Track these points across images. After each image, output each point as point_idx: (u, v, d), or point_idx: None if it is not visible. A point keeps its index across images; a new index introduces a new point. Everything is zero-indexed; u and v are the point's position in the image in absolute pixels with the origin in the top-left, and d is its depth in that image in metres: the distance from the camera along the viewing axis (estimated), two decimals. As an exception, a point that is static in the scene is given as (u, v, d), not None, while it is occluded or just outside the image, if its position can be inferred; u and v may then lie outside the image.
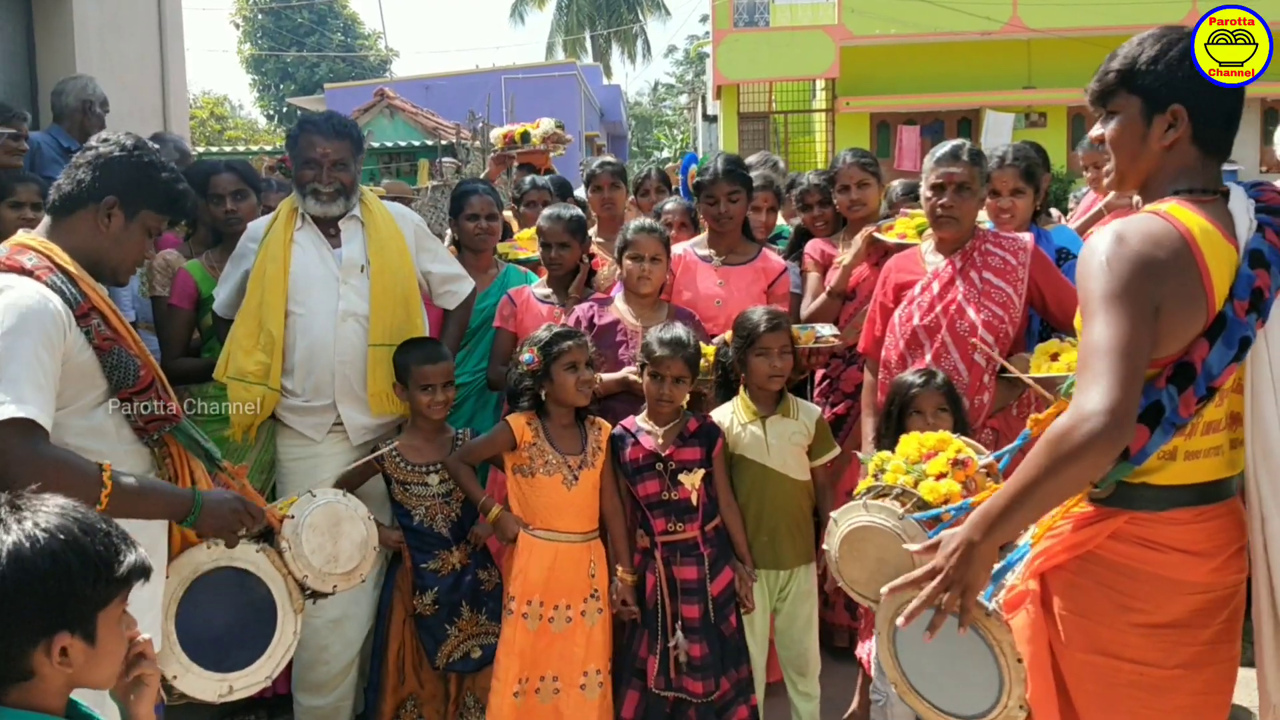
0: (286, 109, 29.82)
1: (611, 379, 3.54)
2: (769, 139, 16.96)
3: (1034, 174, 3.84)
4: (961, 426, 3.06)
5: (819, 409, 3.55)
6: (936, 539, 2.04)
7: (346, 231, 3.49)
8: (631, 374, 3.48)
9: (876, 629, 2.23)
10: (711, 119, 21.43)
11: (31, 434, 2.15)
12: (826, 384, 4.17)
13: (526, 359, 3.30)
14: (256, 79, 35.15)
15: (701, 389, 3.52)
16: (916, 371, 3.18)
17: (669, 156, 31.61)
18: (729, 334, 3.52)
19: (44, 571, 1.40)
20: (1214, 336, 1.84)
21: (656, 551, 3.29)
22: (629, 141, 36.65)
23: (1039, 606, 2.04)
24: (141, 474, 2.45)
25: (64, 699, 1.49)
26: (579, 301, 3.83)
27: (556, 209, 3.98)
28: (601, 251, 4.34)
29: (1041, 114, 16.57)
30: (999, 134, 13.96)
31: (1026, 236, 3.51)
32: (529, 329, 3.64)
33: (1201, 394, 1.86)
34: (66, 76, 5.78)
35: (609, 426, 3.41)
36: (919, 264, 3.54)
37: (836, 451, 3.49)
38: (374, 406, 3.44)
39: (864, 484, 2.58)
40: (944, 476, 2.46)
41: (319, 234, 3.46)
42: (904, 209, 4.19)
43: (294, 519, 2.75)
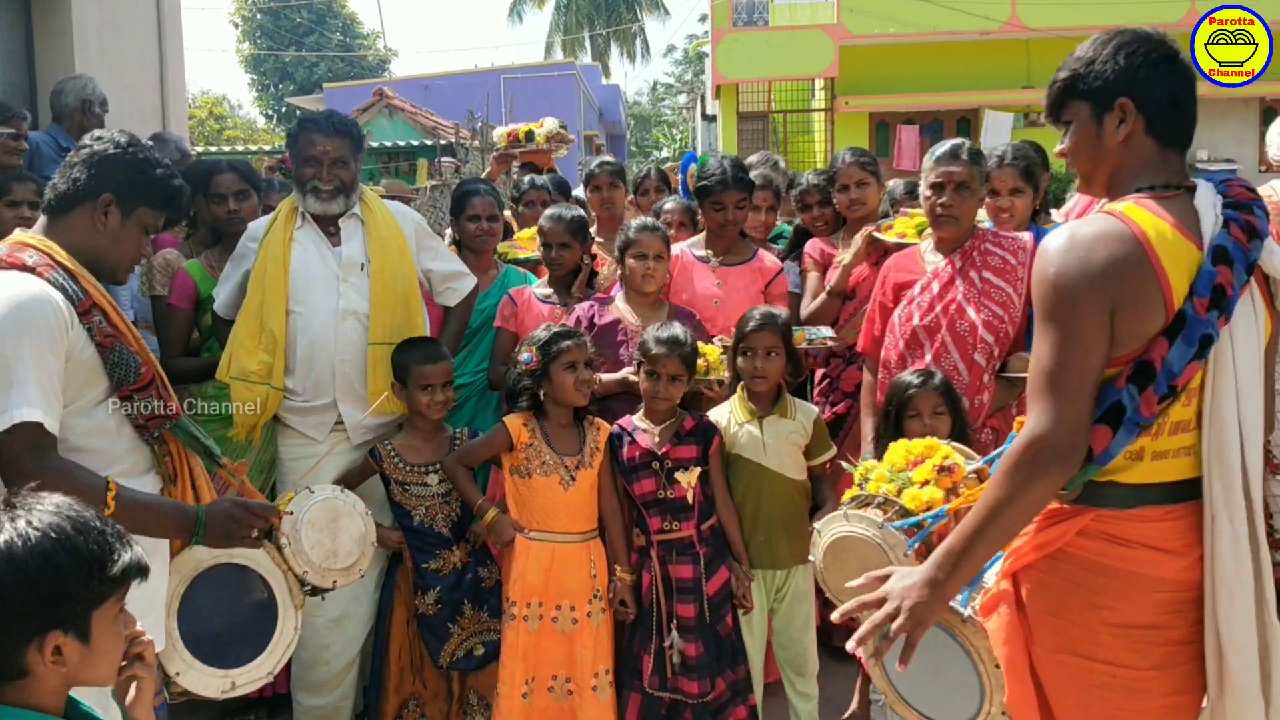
0: (285, 109, 29.81)
1: (611, 379, 3.54)
2: (768, 138, 16.96)
3: (1033, 173, 3.84)
4: (960, 427, 3.07)
5: (817, 410, 3.55)
6: (886, 572, 2.03)
7: (346, 230, 3.49)
8: (631, 374, 3.48)
9: (863, 651, 2.23)
10: (710, 118, 21.42)
11: (40, 439, 2.15)
12: (826, 383, 4.17)
13: (525, 358, 3.30)
14: (255, 79, 35.12)
15: (704, 389, 3.52)
16: (915, 372, 3.18)
17: (668, 156, 31.60)
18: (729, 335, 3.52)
19: (34, 570, 1.40)
20: (1174, 335, 1.83)
21: (652, 550, 3.29)
22: (628, 141, 36.63)
23: (1012, 608, 2.03)
24: (148, 492, 2.45)
25: (61, 698, 1.49)
26: (580, 301, 3.83)
27: (558, 209, 3.97)
28: (601, 251, 4.34)
29: (1040, 114, 16.53)
30: (998, 134, 13.96)
31: (1026, 236, 3.51)
32: (530, 329, 3.63)
33: (1163, 393, 1.84)
34: (65, 76, 5.77)
35: (607, 427, 3.40)
36: (918, 264, 3.54)
37: (834, 452, 3.49)
38: (396, 407, 3.44)
39: (849, 493, 2.61)
40: (929, 484, 2.46)
41: (319, 233, 3.46)
42: (904, 208, 4.19)
43: (293, 515, 2.76)
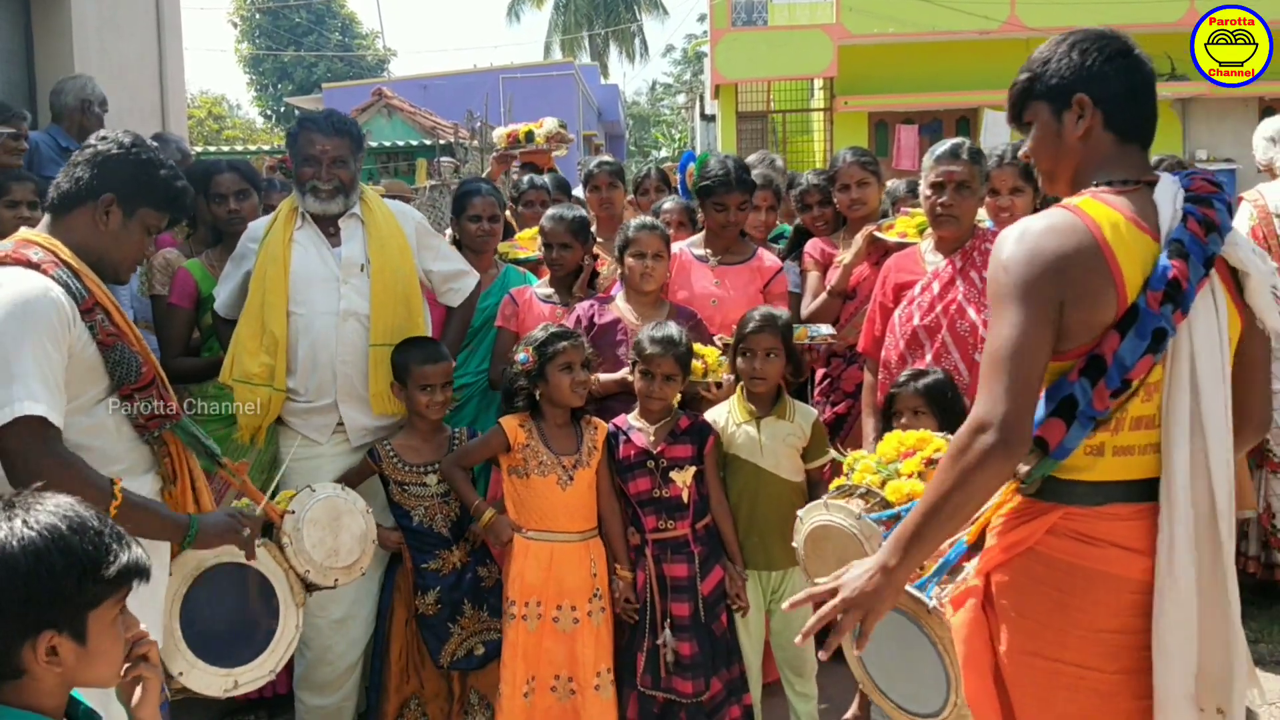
0: (284, 108, 29.80)
1: (610, 379, 3.54)
2: (767, 138, 16.94)
3: (1033, 172, 3.82)
4: (951, 427, 3.07)
5: (816, 412, 3.55)
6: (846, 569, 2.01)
7: (346, 230, 3.48)
8: (630, 374, 3.48)
9: (844, 640, 2.24)
10: (709, 118, 21.40)
11: (45, 433, 2.16)
12: (827, 383, 4.17)
13: (521, 359, 3.30)
14: (254, 78, 35.10)
15: (702, 392, 3.52)
16: (909, 371, 3.19)
17: (667, 156, 31.60)
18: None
19: (27, 569, 1.40)
20: (1125, 328, 1.83)
21: (647, 549, 3.30)
22: (627, 141, 36.63)
23: (980, 605, 2.03)
24: (149, 495, 2.46)
25: (59, 698, 1.49)
26: (581, 301, 3.82)
27: (559, 209, 3.97)
28: (600, 251, 4.34)
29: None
30: (997, 133, 13.94)
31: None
32: (531, 329, 3.62)
33: (1115, 386, 1.84)
34: (65, 76, 5.77)
35: (605, 426, 3.40)
36: (919, 264, 3.54)
37: (831, 455, 3.49)
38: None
39: (836, 482, 2.62)
40: (915, 476, 2.47)
41: (319, 233, 3.45)
42: (905, 208, 4.19)
43: (294, 514, 2.77)
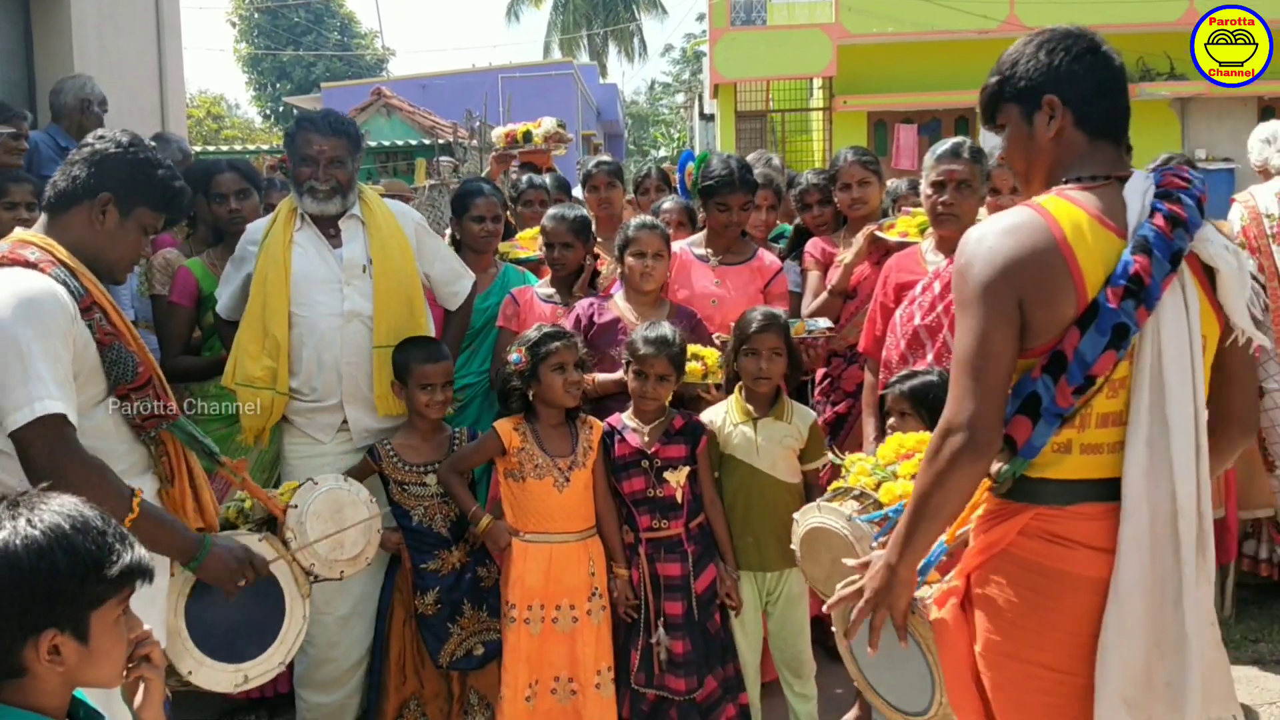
0: (283, 108, 29.78)
1: (607, 379, 3.54)
2: (766, 138, 16.93)
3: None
4: None
5: (813, 414, 3.54)
6: (867, 559, 2.12)
7: (347, 231, 3.47)
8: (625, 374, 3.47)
9: (835, 628, 2.26)
10: (708, 118, 21.38)
11: (65, 431, 2.17)
12: (828, 383, 4.16)
13: (514, 359, 3.30)
14: (253, 78, 35.08)
15: (701, 394, 3.52)
16: (900, 373, 3.19)
17: (666, 155, 31.59)
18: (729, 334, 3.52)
19: (29, 568, 1.40)
20: (1086, 324, 1.84)
21: (640, 548, 3.31)
22: (626, 140, 36.61)
23: (960, 605, 2.04)
24: (147, 495, 2.46)
25: (62, 698, 1.49)
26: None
27: (560, 209, 3.97)
28: (600, 251, 4.33)
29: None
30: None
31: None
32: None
33: (1078, 383, 1.84)
34: (64, 75, 5.77)
35: (600, 425, 3.40)
36: (920, 263, 3.54)
37: (828, 458, 3.49)
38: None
39: (834, 485, 2.63)
40: (911, 478, 2.48)
41: (319, 234, 3.44)
42: (905, 207, 4.19)
43: (297, 508, 2.77)
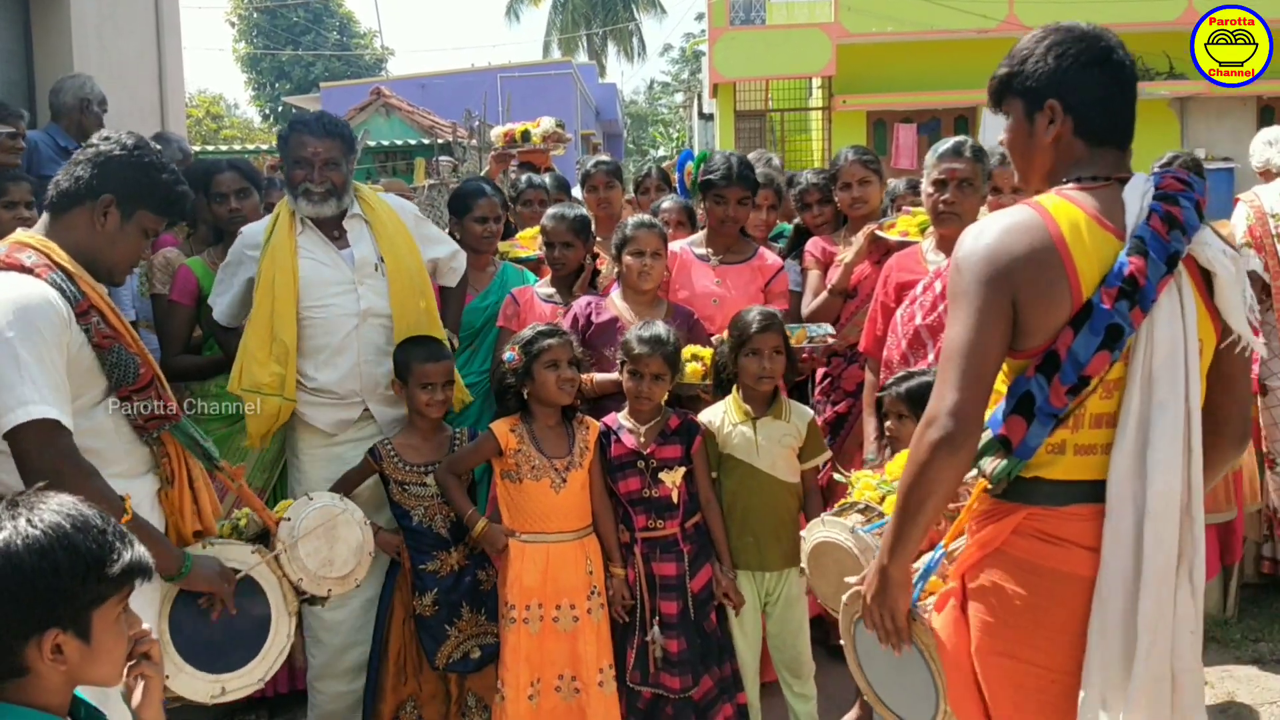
0: (282, 108, 29.77)
1: (605, 379, 3.53)
2: (765, 137, 16.93)
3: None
4: None
5: (811, 412, 3.54)
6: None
7: (353, 232, 3.46)
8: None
9: (843, 640, 2.26)
10: (707, 117, 21.38)
11: (58, 435, 2.17)
12: (828, 382, 4.16)
13: (508, 356, 3.30)
14: (252, 77, 35.07)
15: (701, 393, 3.51)
16: (898, 374, 3.19)
17: (665, 155, 31.58)
18: (726, 334, 3.51)
19: (32, 567, 1.40)
20: (1079, 325, 1.84)
21: (636, 547, 3.31)
22: (625, 140, 36.61)
23: (958, 606, 2.04)
24: (146, 496, 2.48)
25: (64, 696, 1.49)
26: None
27: (560, 208, 3.97)
28: (600, 250, 4.33)
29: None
30: (996, 132, 13.94)
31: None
32: (532, 329, 3.63)
33: (1071, 382, 1.84)
34: (64, 75, 5.76)
35: (597, 425, 3.40)
36: (921, 263, 3.54)
37: (827, 455, 3.49)
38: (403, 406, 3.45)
39: (840, 502, 2.66)
40: None
41: (322, 237, 3.43)
42: (906, 206, 4.19)
43: (290, 522, 2.76)
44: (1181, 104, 14.69)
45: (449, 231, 4.20)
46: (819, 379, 4.22)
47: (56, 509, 1.46)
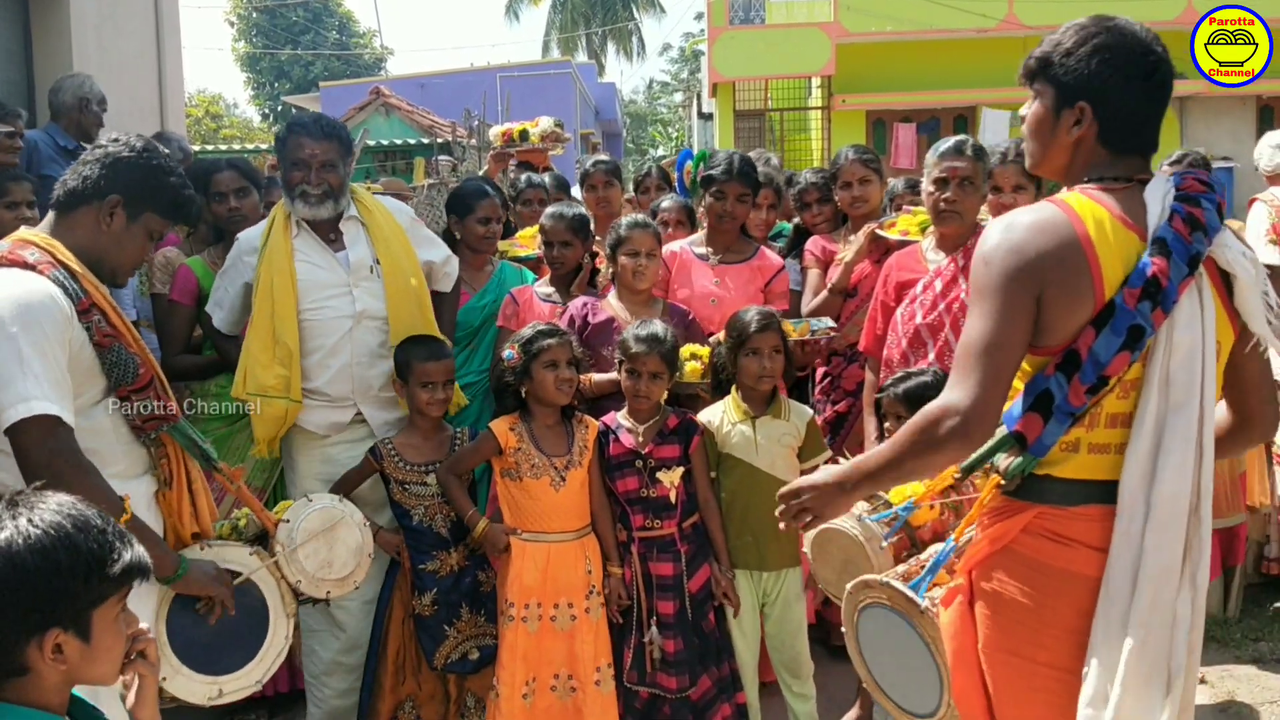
0: (281, 107, 29.79)
1: (603, 379, 3.53)
2: (764, 136, 16.95)
3: (1036, 171, 3.83)
4: None
5: (811, 411, 3.54)
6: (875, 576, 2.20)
7: (349, 234, 3.46)
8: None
9: (845, 628, 2.26)
10: (706, 117, 21.41)
11: (59, 432, 2.17)
12: (828, 382, 4.16)
13: (507, 355, 3.30)
14: (251, 77, 35.07)
15: (700, 392, 3.51)
16: (897, 374, 3.19)
17: (665, 154, 31.60)
18: (723, 334, 3.51)
19: (33, 567, 1.40)
20: (1101, 324, 1.83)
21: (633, 547, 3.31)
22: (624, 139, 36.61)
23: (965, 603, 2.04)
24: (144, 496, 2.48)
25: (63, 696, 1.49)
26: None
27: (559, 208, 3.96)
28: (600, 250, 4.33)
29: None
30: (996, 131, 13.96)
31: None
32: (531, 328, 3.62)
33: (1090, 381, 1.84)
34: (63, 74, 5.76)
35: (596, 424, 3.40)
36: (921, 262, 3.54)
37: (827, 455, 3.48)
38: (403, 405, 3.45)
39: None
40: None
41: (318, 240, 3.42)
42: (906, 206, 4.19)
43: (289, 523, 2.75)
44: (1181, 103, 14.70)
45: (449, 231, 4.20)
46: (819, 378, 4.22)
47: (57, 509, 1.46)
